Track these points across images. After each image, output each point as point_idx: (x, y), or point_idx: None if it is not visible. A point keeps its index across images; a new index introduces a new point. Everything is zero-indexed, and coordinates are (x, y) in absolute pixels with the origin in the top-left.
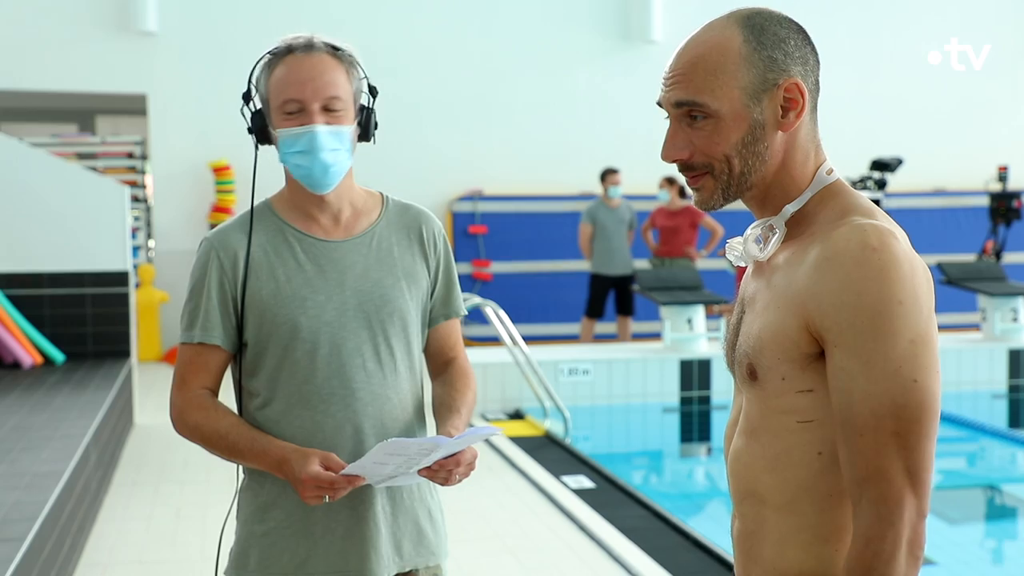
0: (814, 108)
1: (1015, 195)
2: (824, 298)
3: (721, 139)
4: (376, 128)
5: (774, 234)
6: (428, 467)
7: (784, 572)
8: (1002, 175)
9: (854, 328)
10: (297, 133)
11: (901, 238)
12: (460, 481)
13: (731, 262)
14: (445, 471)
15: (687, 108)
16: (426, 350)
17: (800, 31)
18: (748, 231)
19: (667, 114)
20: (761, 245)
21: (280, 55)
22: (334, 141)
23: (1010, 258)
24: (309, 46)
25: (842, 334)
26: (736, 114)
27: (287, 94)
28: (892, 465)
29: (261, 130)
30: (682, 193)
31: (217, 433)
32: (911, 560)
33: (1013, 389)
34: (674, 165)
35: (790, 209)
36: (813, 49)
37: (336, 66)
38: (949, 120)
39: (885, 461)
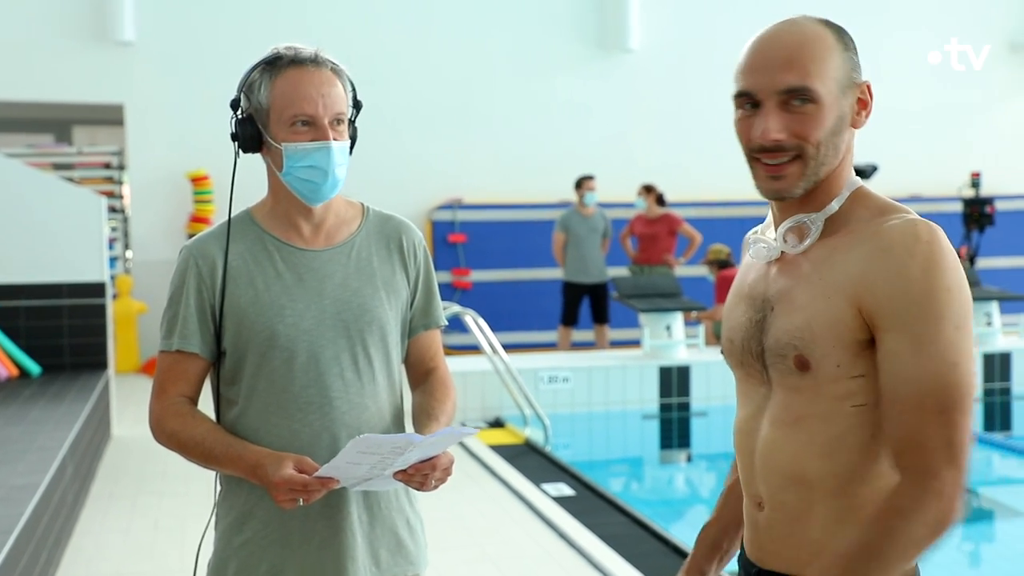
0: None
1: (987, 201)
2: (878, 286)
3: (818, 124)
4: (355, 141)
5: (811, 229)
6: (403, 471)
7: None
8: (975, 181)
9: (906, 313)
10: (310, 148)
11: (943, 234)
12: (436, 487)
13: (744, 256)
14: (421, 475)
15: (794, 93)
16: (406, 360)
17: None
18: (780, 228)
19: (751, 103)
20: (794, 241)
21: (283, 65)
22: (342, 156)
23: (983, 263)
24: (316, 60)
25: (894, 319)
26: (832, 103)
27: (298, 108)
28: (932, 440)
29: (252, 138)
30: (660, 201)
31: (193, 440)
32: (930, 529)
33: (987, 393)
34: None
35: (835, 206)
36: None
37: (338, 82)
38: (922, 126)
39: (925, 435)
